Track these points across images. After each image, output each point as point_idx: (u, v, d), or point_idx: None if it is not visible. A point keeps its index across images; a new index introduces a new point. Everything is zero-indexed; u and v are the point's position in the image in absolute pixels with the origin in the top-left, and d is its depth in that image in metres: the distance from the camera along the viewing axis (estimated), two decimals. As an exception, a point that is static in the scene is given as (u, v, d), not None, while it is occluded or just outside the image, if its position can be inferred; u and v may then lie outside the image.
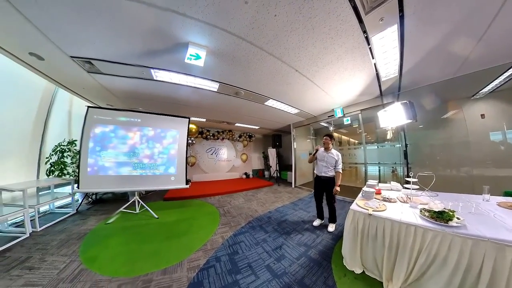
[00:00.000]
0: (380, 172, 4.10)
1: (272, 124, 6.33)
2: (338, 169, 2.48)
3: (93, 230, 2.57)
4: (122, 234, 2.46)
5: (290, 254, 2.00)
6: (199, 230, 2.63)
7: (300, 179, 6.08)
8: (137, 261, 1.86)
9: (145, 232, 2.52)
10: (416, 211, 1.57)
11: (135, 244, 2.20)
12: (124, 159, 3.16)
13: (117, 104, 3.90)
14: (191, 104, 3.96)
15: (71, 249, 2.07)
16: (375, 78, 2.73)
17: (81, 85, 2.96)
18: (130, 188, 3.15)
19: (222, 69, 2.45)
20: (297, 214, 3.27)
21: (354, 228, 1.67)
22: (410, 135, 3.29)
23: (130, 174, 3.18)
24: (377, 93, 3.35)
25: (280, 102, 3.84)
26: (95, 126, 3.00)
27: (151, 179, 3.33)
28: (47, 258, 1.87)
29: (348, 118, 4.34)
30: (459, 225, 1.24)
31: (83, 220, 2.93)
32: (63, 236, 2.37)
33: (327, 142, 2.57)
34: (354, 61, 2.27)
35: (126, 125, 3.22)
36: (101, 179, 2.98)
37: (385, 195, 2.00)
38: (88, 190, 3.00)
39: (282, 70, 2.49)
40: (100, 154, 3.00)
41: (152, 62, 2.29)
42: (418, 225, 1.34)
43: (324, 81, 2.85)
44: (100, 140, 3.02)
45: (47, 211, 3.16)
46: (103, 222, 2.84)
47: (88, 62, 2.23)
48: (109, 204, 3.76)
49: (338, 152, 2.56)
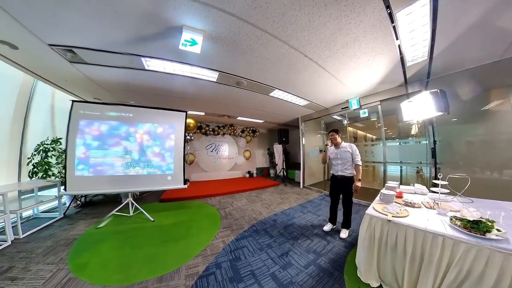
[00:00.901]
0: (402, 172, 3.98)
1: (278, 118, 6.31)
2: (357, 161, 2.46)
3: (83, 235, 2.62)
4: (114, 239, 2.50)
5: (298, 261, 2.00)
6: (198, 234, 2.67)
7: (309, 179, 6.07)
8: (131, 268, 1.89)
9: (140, 236, 2.57)
10: (445, 219, 1.51)
11: (129, 250, 2.24)
12: (115, 157, 3.19)
13: (106, 98, 3.92)
14: (188, 97, 3.96)
15: (58, 256, 2.08)
16: (399, 63, 2.60)
17: (63, 76, 2.96)
18: (123, 189, 3.20)
19: (222, 56, 2.41)
20: (305, 218, 3.27)
21: (370, 235, 1.63)
22: (440, 130, 3.13)
23: (123, 174, 3.22)
24: (401, 80, 3.22)
25: (287, 93, 3.80)
26: (82, 122, 3.02)
27: (145, 179, 3.37)
28: (31, 267, 1.88)
29: (365, 110, 4.25)
30: (499, 238, 1.17)
31: (72, 224, 2.97)
32: (49, 242, 2.39)
33: (334, 138, 2.60)
34: (374, 43, 2.16)
35: (116, 120, 3.24)
36: (90, 180, 3.03)
37: (407, 199, 1.95)
38: (76, 192, 3.06)
39: (289, 56, 2.43)
40: (88, 153, 3.04)
41: (142, 50, 2.25)
42: (448, 235, 1.29)
43: (338, 68, 2.77)
44: (88, 137, 3.05)
45: (31, 216, 3.16)
46: (94, 226, 2.89)
47: (70, 51, 2.21)
48: (100, 207, 3.83)
49: (351, 144, 2.58)
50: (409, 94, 3.28)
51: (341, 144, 2.60)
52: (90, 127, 3.06)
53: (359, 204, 3.91)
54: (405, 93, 3.36)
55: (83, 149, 3.01)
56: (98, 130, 3.11)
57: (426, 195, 2.17)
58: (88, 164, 3.02)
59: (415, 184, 2.46)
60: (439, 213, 1.63)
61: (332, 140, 2.61)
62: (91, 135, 3.06)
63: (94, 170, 3.05)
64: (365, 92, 3.82)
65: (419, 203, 1.85)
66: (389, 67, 2.73)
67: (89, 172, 3.02)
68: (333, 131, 2.61)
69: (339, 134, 2.62)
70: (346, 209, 2.57)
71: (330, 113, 5.09)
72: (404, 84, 3.33)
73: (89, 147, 3.04)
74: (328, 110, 5.08)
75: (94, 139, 3.08)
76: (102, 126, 3.13)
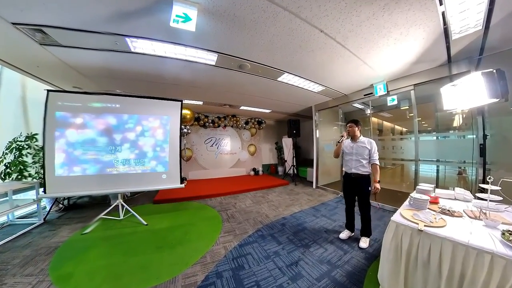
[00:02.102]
0: (438, 173, 3.95)
1: (287, 107, 6.29)
2: (374, 160, 2.49)
3: (67, 242, 2.66)
4: (102, 245, 2.56)
5: (309, 273, 2.00)
6: (196, 239, 2.71)
7: (323, 178, 6.08)
8: (121, 277, 1.94)
9: (131, 242, 2.64)
10: (495, 233, 1.42)
11: (119, 257, 2.30)
12: (102, 154, 3.23)
13: (88, 87, 3.94)
14: (183, 83, 3.97)
15: (38, 267, 2.11)
16: (441, 36, 2.42)
17: (33, 62, 2.93)
18: (111, 189, 3.25)
19: (221, 35, 2.36)
20: (318, 223, 3.29)
21: (397, 246, 1.59)
22: (492, 122, 2.91)
23: (111, 172, 3.28)
24: (443, 59, 3.04)
25: (299, 77, 3.74)
26: (61, 115, 3.04)
27: (137, 178, 3.43)
28: (7, 280, 1.89)
29: (394, 97, 4.13)
30: None
31: (53, 231, 3.01)
32: (28, 251, 2.41)
33: (353, 130, 2.61)
34: (409, 12, 2.01)
35: (101, 112, 3.26)
36: (73, 180, 3.07)
37: (444, 206, 1.89)
38: (58, 194, 3.12)
39: (302, 32, 2.33)
40: (70, 150, 3.07)
41: (127, 29, 2.20)
42: (498, 253, 1.20)
43: (362, 45, 2.64)
44: (70, 132, 3.07)
45: (5, 223, 3.19)
46: (79, 232, 2.95)
47: (39, 31, 2.16)
48: (86, 210, 3.91)
49: (370, 139, 2.60)
50: (453, 76, 3.11)
51: (359, 138, 2.61)
52: (71, 120, 3.08)
53: (383, 209, 3.88)
54: (448, 75, 3.19)
55: (64, 146, 3.04)
56: (80, 124, 3.13)
57: (470, 202, 2.09)
58: (70, 163, 3.06)
59: (455, 188, 2.37)
60: (487, 225, 1.55)
61: (350, 132, 2.63)
62: (72, 130, 3.09)
63: (77, 169, 3.09)
64: (395, 74, 3.69)
65: (460, 212, 1.79)
66: (428, 41, 2.56)
67: (71, 172, 3.07)
68: (353, 122, 2.63)
69: (359, 126, 2.63)
70: (364, 214, 2.57)
71: (350, 101, 4.99)
72: (447, 63, 3.15)
73: (71, 143, 3.08)
74: (347, 97, 4.99)
75: (77, 134, 3.11)
76: (85, 119, 3.15)
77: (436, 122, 4.26)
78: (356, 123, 2.61)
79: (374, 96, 4.26)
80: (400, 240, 1.57)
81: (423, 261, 1.45)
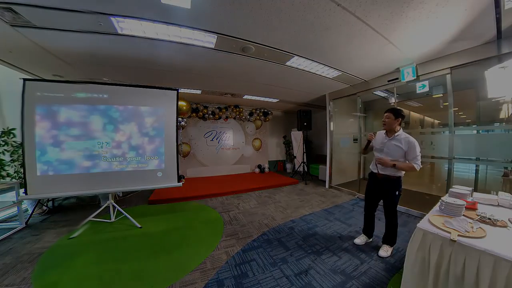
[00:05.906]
0: (478, 174, 3.84)
1: (297, 95, 6.26)
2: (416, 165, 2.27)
3: (52, 247, 2.70)
4: (92, 251, 2.61)
5: (320, 283, 2.00)
6: (195, 244, 2.76)
7: (338, 177, 6.08)
8: (112, 286, 1.98)
9: (124, 247, 2.69)
10: None
11: (110, 263, 2.35)
12: (89, 150, 3.26)
13: (71, 75, 3.96)
14: (178, 69, 3.97)
15: (20, 275, 2.12)
16: (490, 5, 2.24)
17: (4, 46, 2.92)
18: (101, 189, 3.30)
19: (220, 12, 2.32)
20: (331, 227, 3.30)
21: (424, 258, 1.56)
22: None
23: (100, 170, 3.31)
24: (491, 34, 2.82)
25: (311, 61, 3.68)
26: (41, 107, 3.05)
27: (129, 176, 3.47)
28: None
29: (425, 82, 4.00)
30: None
31: (36, 236, 3.04)
32: (8, 259, 2.43)
33: (390, 122, 2.40)
34: None
35: (87, 103, 3.27)
36: (58, 179, 3.11)
37: (484, 213, 1.82)
38: (41, 195, 3.15)
39: (314, 6, 2.23)
40: (53, 146, 3.09)
41: (112, 7, 2.16)
42: None
43: (387, 21, 2.53)
44: (52, 126, 3.09)
45: None
46: (66, 236, 2.99)
47: (8, 9, 2.12)
48: (73, 213, 3.97)
49: (409, 138, 2.34)
50: (503, 56, 2.90)
51: (397, 133, 2.41)
52: (53, 113, 3.10)
53: (408, 214, 3.85)
54: (496, 54, 2.97)
55: (47, 142, 3.06)
56: (64, 117, 3.14)
57: (517, 209, 2.02)
58: (54, 160, 3.10)
59: (499, 193, 2.28)
60: (537, 238, 1.47)
61: (386, 124, 2.43)
62: (55, 124, 3.10)
63: (62, 167, 3.13)
64: (426, 56, 3.55)
65: (504, 221, 1.71)
66: (472, 13, 2.37)
67: (55, 170, 3.10)
68: (391, 112, 2.41)
69: (399, 119, 2.39)
70: (390, 220, 2.53)
71: (370, 88, 4.91)
72: (496, 39, 2.92)
73: (55, 138, 3.10)
74: (368, 84, 4.91)
75: (60, 129, 3.13)
76: (69, 111, 3.17)
77: (477, 113, 4.07)
78: (396, 114, 2.37)
79: (401, 82, 4.16)
80: (428, 251, 1.54)
81: (456, 276, 1.40)
